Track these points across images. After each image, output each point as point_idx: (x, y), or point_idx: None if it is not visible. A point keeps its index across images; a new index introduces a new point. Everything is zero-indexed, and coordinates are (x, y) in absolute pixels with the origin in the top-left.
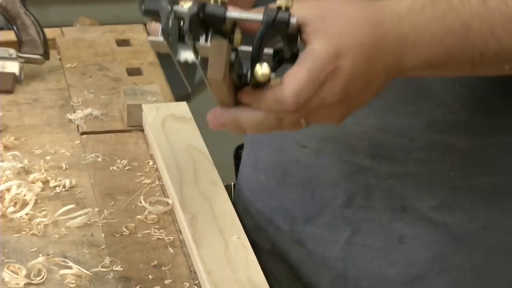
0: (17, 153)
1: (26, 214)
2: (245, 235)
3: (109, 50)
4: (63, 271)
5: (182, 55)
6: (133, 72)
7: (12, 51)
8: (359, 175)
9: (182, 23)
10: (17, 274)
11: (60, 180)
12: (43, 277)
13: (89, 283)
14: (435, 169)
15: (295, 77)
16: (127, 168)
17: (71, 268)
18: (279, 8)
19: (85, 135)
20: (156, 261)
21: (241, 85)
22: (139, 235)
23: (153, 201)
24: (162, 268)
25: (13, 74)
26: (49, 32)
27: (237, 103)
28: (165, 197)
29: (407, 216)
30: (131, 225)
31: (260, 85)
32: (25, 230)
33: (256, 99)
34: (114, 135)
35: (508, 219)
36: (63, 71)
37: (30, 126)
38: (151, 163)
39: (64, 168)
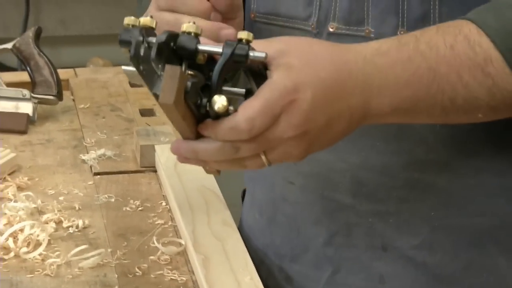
0: (30, 193)
1: (39, 255)
2: (258, 276)
3: (122, 90)
4: None
5: (156, 88)
6: (146, 113)
7: (25, 92)
8: (341, 212)
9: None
10: None
11: (73, 221)
12: None
13: None
14: (416, 208)
15: (250, 105)
16: (140, 208)
17: None
18: (239, 40)
19: (98, 176)
20: None
21: (201, 117)
22: (152, 275)
23: (166, 241)
24: None
25: (27, 114)
26: (63, 73)
27: (199, 136)
28: (178, 237)
29: (387, 255)
30: (144, 265)
31: (219, 117)
32: (38, 271)
33: (213, 129)
34: (127, 175)
35: (490, 260)
36: (76, 111)
37: (44, 167)
38: (164, 203)
39: (77, 208)
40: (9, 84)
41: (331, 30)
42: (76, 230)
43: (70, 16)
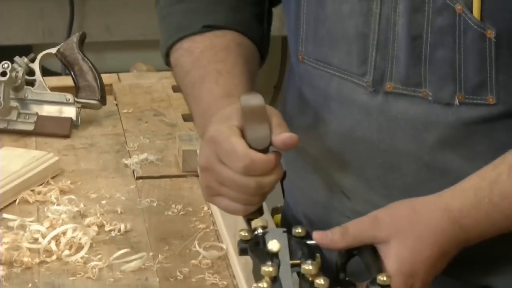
0: (73, 197)
1: (81, 258)
2: None
3: (165, 96)
4: None
5: None
6: (189, 118)
7: (69, 96)
8: None
9: None
10: None
11: (115, 224)
12: None
13: None
14: None
15: None
16: (181, 213)
17: None
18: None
19: (140, 180)
20: None
21: None
22: (193, 279)
23: (207, 246)
24: None
25: (70, 119)
26: (106, 78)
27: None
28: (219, 242)
29: None
30: (185, 269)
31: None
32: (80, 274)
33: None
34: (169, 180)
35: None
36: (119, 116)
37: (86, 171)
38: (205, 208)
39: (119, 212)
40: (53, 89)
41: (388, 89)
42: (118, 233)
43: (115, 22)
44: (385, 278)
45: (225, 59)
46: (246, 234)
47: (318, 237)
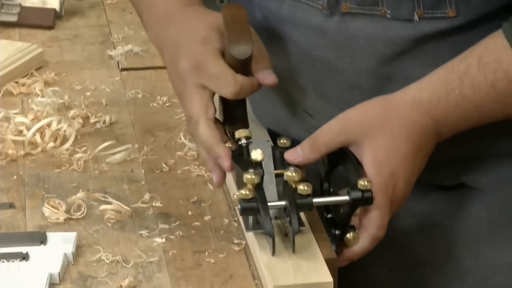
0: (57, 89)
1: (66, 150)
2: None
3: None
4: (103, 207)
5: None
6: None
7: None
8: None
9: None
10: (57, 209)
11: (100, 116)
12: (83, 213)
13: (128, 219)
14: None
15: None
16: (167, 104)
17: (111, 204)
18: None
19: (125, 72)
20: (195, 198)
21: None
22: (178, 171)
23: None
24: (202, 204)
25: (54, 10)
26: None
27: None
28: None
29: None
30: (171, 161)
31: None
32: (65, 166)
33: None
34: (154, 71)
35: None
36: (103, 7)
37: (71, 62)
38: None
39: (104, 104)
40: None
41: (344, 10)
42: (103, 125)
43: None
44: (365, 183)
45: None
46: (247, 192)
47: (289, 157)
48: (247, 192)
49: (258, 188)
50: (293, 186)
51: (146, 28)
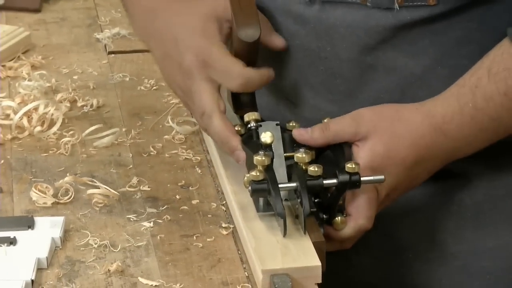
0: (44, 72)
1: (54, 134)
2: None
3: None
4: (90, 191)
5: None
6: None
7: None
8: None
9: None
10: (45, 193)
11: (87, 100)
12: (70, 197)
13: (116, 203)
14: None
15: (361, 215)
16: (154, 88)
17: (99, 188)
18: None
19: (112, 55)
20: (183, 181)
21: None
22: (166, 155)
23: (180, 121)
24: (190, 188)
25: None
26: None
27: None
28: (192, 117)
29: None
30: (158, 145)
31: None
32: (53, 150)
33: (343, 239)
34: (142, 54)
35: None
36: None
37: (58, 45)
38: None
39: (91, 87)
40: None
41: None
42: (91, 109)
43: None
44: (353, 166)
45: None
46: (258, 174)
47: (297, 133)
48: (258, 174)
49: (269, 169)
50: (303, 167)
51: (131, 20)
